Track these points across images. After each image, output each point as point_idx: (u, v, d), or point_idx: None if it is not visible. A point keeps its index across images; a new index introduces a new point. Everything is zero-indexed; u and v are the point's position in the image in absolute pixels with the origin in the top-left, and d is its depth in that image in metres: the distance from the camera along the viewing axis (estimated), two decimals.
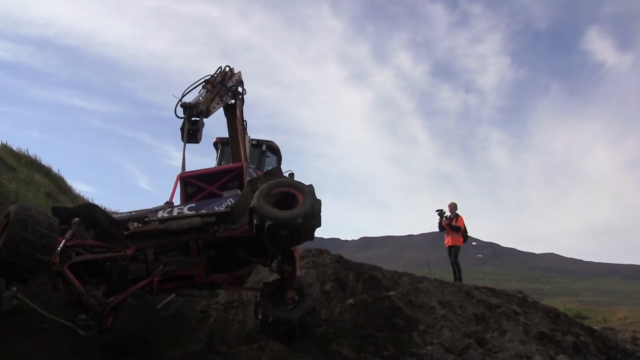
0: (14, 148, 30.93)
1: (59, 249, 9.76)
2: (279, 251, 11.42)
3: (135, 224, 10.87)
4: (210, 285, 11.67)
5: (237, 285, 12.42)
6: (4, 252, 8.89)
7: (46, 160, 33.14)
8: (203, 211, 11.29)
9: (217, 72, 14.31)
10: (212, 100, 13.42)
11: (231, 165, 14.07)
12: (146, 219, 10.98)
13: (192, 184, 13.26)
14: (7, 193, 18.71)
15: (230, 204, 11.45)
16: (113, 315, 10.40)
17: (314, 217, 10.14)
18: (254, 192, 10.77)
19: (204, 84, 13.72)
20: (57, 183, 30.25)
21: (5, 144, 30.66)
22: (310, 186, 10.59)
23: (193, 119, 12.70)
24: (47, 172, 30.53)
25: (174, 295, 13.42)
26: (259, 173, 13.50)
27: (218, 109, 13.93)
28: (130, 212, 11.48)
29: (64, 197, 25.92)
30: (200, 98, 13.18)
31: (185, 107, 12.72)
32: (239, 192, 12.33)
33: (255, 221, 9.95)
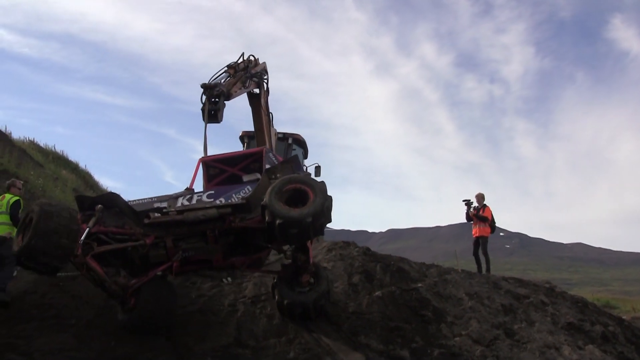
0: (41, 144, 31.19)
1: (81, 239, 10.09)
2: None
3: (155, 214, 11.19)
4: (229, 268, 12.17)
5: (255, 268, 12.77)
6: (23, 258, 9.35)
7: (73, 156, 33.45)
8: (221, 199, 11.61)
9: (240, 59, 14.44)
10: (234, 84, 13.66)
11: (252, 149, 14.15)
12: (165, 209, 11.25)
13: (214, 167, 13.54)
14: (35, 189, 18.86)
15: (247, 192, 11.72)
16: (135, 297, 10.90)
17: (323, 216, 10.33)
18: (271, 181, 11.16)
19: (226, 69, 13.86)
20: (84, 178, 30.50)
21: (32, 140, 30.94)
22: (322, 183, 10.74)
23: (213, 99, 12.84)
24: (74, 167, 30.79)
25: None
26: (279, 158, 13.58)
27: (240, 94, 14.12)
28: (151, 198, 11.76)
29: (91, 193, 26.12)
30: (222, 81, 13.34)
31: (205, 87, 12.96)
32: (258, 175, 12.73)
33: (267, 218, 10.23)
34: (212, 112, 12.79)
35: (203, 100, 12.88)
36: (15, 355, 9.25)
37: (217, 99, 12.90)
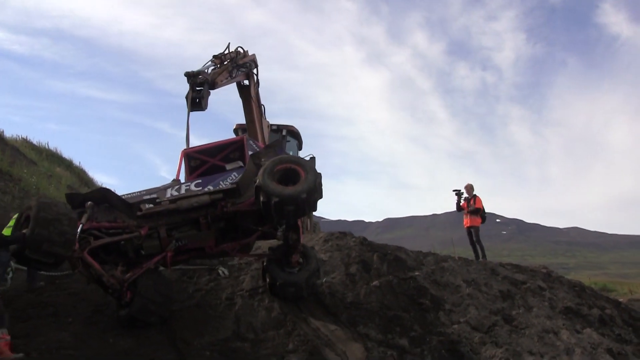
0: (34, 142, 31.15)
1: (77, 234, 10.04)
2: (285, 223, 11.99)
3: (147, 205, 11.31)
4: (220, 254, 12.55)
5: (245, 252, 13.05)
6: (28, 249, 9.22)
7: (67, 152, 33.45)
8: (209, 187, 11.76)
9: (227, 50, 14.61)
10: (220, 74, 13.78)
11: (233, 138, 14.17)
12: (157, 200, 11.39)
13: (196, 158, 13.61)
14: (28, 187, 18.83)
15: (234, 178, 11.96)
16: (131, 290, 10.99)
17: (316, 191, 10.68)
18: (257, 166, 11.50)
19: (212, 59, 13.97)
20: (79, 175, 30.48)
21: (25, 138, 30.91)
22: (311, 160, 11.07)
23: (197, 88, 13.01)
24: (68, 164, 30.77)
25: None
26: (261, 145, 13.67)
27: (227, 84, 14.25)
28: (140, 192, 11.86)
29: (85, 189, 25.98)
30: (208, 71, 13.51)
31: (189, 75, 13.02)
32: (240, 163, 12.97)
33: (261, 198, 10.51)
34: (197, 100, 12.90)
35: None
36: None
37: (200, 87, 13.02)
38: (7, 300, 11.64)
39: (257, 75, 16.02)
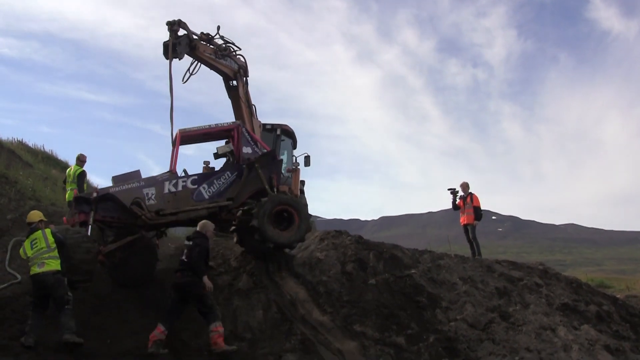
0: (30, 144, 31.04)
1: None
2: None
3: (149, 214, 12.29)
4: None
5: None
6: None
7: (62, 155, 33.32)
8: (204, 186, 13.01)
9: (217, 33, 15.23)
10: (204, 45, 14.63)
11: (228, 125, 14.30)
12: (161, 212, 12.42)
13: (190, 139, 14.43)
14: (25, 190, 18.75)
15: (228, 177, 13.22)
16: (122, 253, 12.67)
17: (305, 235, 13.04)
18: (249, 169, 13.08)
19: (201, 33, 14.76)
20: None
21: (20, 140, 30.78)
22: (305, 206, 13.20)
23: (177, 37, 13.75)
24: (64, 167, 30.56)
25: None
26: (253, 135, 14.01)
27: (207, 60, 14.87)
28: (138, 182, 12.76)
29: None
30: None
31: (170, 23, 13.74)
32: (231, 146, 14.05)
33: (256, 237, 12.50)
34: (175, 48, 13.56)
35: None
36: (10, 357, 9.22)
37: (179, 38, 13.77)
38: (5, 302, 11.62)
39: (244, 75, 16.16)
